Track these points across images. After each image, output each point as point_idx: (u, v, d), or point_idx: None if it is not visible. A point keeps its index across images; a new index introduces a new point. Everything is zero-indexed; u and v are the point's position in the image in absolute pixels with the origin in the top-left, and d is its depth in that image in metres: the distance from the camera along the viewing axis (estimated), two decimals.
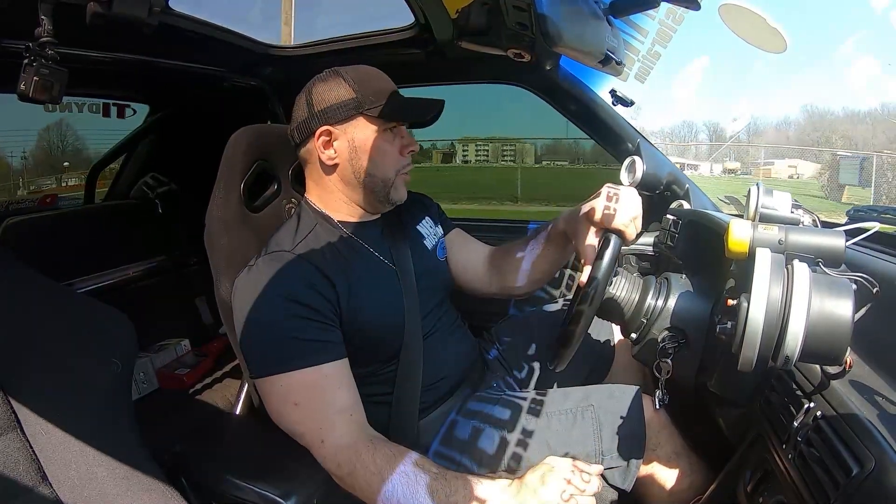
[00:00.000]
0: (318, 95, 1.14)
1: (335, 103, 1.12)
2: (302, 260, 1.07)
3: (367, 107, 1.12)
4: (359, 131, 1.14)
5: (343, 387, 1.04)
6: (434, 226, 1.39)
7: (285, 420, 1.02)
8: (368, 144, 1.14)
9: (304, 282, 1.05)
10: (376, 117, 1.13)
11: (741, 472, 0.95)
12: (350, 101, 1.12)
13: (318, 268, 1.07)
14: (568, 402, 1.16)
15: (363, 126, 1.13)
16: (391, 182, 1.17)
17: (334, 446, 0.99)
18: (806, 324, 0.68)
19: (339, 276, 1.08)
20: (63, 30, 1.01)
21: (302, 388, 1.00)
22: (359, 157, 1.15)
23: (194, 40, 1.53)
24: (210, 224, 1.18)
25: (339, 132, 1.14)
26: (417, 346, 1.17)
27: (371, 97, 1.12)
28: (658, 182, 1.58)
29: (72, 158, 4.42)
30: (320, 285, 1.05)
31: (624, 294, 1.05)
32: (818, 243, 0.82)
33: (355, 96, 1.12)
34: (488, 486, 0.96)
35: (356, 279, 1.11)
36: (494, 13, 1.30)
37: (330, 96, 1.13)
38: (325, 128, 1.13)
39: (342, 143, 1.14)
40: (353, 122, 1.13)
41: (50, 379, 0.80)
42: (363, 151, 1.14)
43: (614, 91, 1.67)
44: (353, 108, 1.12)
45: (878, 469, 0.61)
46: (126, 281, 2.14)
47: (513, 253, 1.38)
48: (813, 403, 0.77)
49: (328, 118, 1.13)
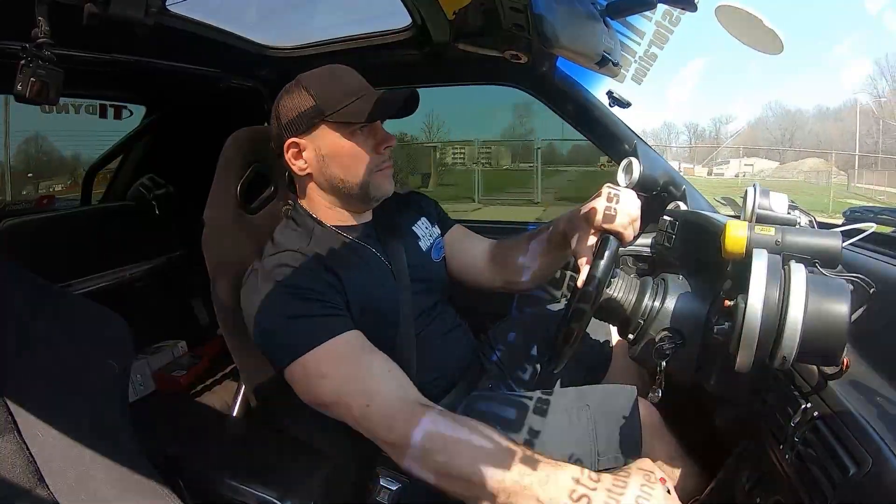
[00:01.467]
0: (282, 108, 1.14)
1: (297, 114, 1.12)
2: (306, 257, 1.08)
3: (328, 112, 1.11)
4: (324, 139, 1.13)
5: (372, 351, 1.02)
6: (431, 226, 1.39)
7: (323, 396, 1.00)
8: (336, 150, 1.13)
9: (312, 274, 1.06)
10: (340, 122, 1.12)
11: (738, 472, 0.95)
12: (310, 110, 1.11)
13: (323, 264, 1.08)
14: (563, 401, 1.16)
15: (327, 133, 1.13)
16: (367, 183, 1.16)
17: (383, 408, 0.95)
18: (803, 324, 0.68)
19: (338, 274, 1.09)
20: (60, 31, 1.00)
21: (327, 360, 0.99)
22: (328, 165, 1.14)
23: (190, 41, 1.53)
24: (207, 225, 1.18)
25: (306, 142, 1.14)
26: (409, 342, 1.17)
27: (332, 102, 1.11)
28: (655, 183, 1.58)
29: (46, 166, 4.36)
30: (327, 276, 1.07)
31: (621, 295, 1.05)
32: (815, 244, 0.83)
33: (315, 104, 1.11)
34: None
35: (353, 275, 1.11)
36: (491, 15, 1.30)
37: (292, 107, 1.13)
38: (291, 140, 1.14)
39: (310, 152, 1.14)
40: (317, 131, 1.13)
41: (46, 381, 0.80)
42: (331, 158, 1.14)
43: (611, 92, 1.67)
44: (313, 116, 1.11)
45: (875, 469, 0.62)
46: (123, 282, 2.13)
47: (515, 251, 1.37)
48: (810, 404, 0.77)
49: (293, 130, 1.13)
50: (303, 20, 1.77)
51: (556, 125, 13.18)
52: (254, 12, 1.74)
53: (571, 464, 1.04)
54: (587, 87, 1.71)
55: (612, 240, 1.01)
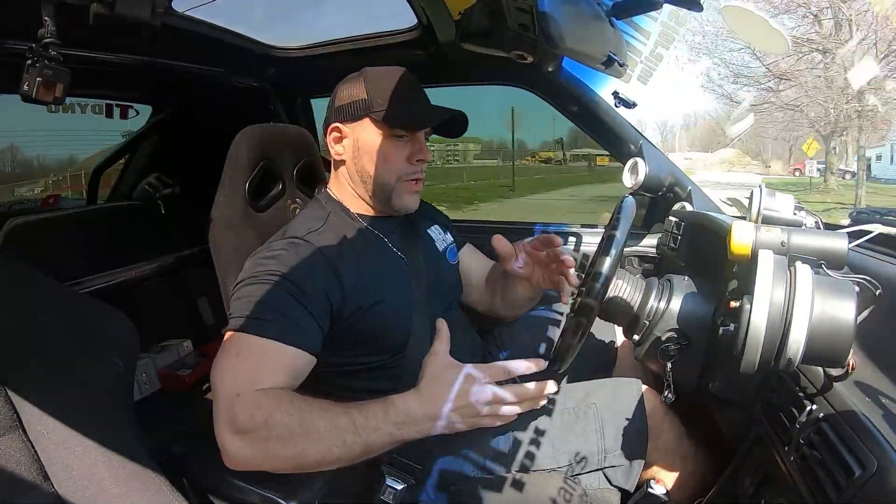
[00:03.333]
0: (340, 92, 1.17)
1: (349, 102, 1.15)
2: (312, 247, 1.07)
3: (375, 109, 1.12)
4: (364, 132, 1.15)
5: (289, 375, 0.97)
6: (444, 233, 1.39)
7: (218, 366, 0.94)
8: (372, 146, 1.14)
9: (308, 268, 1.04)
10: (381, 121, 1.13)
11: (743, 473, 0.94)
12: (360, 102, 1.13)
13: (327, 258, 1.07)
14: (570, 400, 1.16)
15: (369, 128, 1.14)
16: (391, 187, 1.17)
17: (255, 393, 0.90)
18: (808, 326, 0.68)
19: (349, 265, 1.08)
20: (66, 30, 1.01)
21: (257, 350, 0.95)
22: (361, 158, 1.16)
23: (196, 41, 1.54)
24: (214, 224, 1.18)
25: (348, 131, 1.16)
26: (424, 341, 1.16)
27: (381, 100, 1.12)
28: (660, 184, 1.58)
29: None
30: (323, 275, 1.05)
31: (627, 295, 1.05)
32: (820, 245, 0.82)
33: (366, 97, 1.13)
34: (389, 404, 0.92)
35: (367, 268, 1.11)
36: (497, 15, 1.30)
37: (347, 95, 1.15)
38: (336, 125, 1.16)
39: (349, 141, 1.16)
40: (361, 123, 1.15)
41: (52, 379, 0.80)
42: (365, 153, 1.15)
43: (617, 93, 1.67)
44: (362, 108, 1.13)
45: (880, 471, 0.61)
46: (129, 282, 2.14)
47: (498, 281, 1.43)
48: (815, 405, 0.77)
49: (341, 116, 1.15)
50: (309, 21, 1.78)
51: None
52: (260, 12, 1.75)
53: (576, 463, 1.04)
54: (593, 87, 1.71)
55: (619, 233, 1.00)
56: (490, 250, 1.36)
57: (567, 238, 1.79)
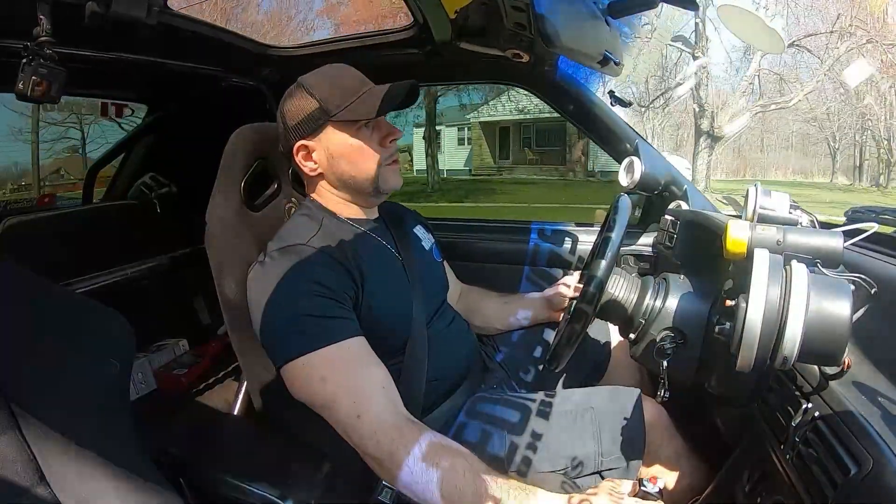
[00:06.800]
0: (287, 112, 1.16)
1: (303, 117, 1.14)
2: (317, 250, 1.08)
3: (333, 112, 1.12)
4: (332, 139, 1.14)
5: (372, 363, 1.02)
6: (426, 232, 1.41)
7: (317, 397, 0.99)
8: (345, 149, 1.15)
9: (323, 266, 1.06)
10: (345, 121, 1.13)
11: (739, 472, 0.95)
12: (315, 112, 1.13)
13: (334, 257, 1.08)
14: (568, 404, 1.17)
15: (334, 133, 1.14)
16: (375, 176, 1.17)
17: (373, 422, 0.95)
18: (804, 324, 0.68)
19: (352, 264, 1.09)
20: (61, 29, 1.01)
21: (329, 363, 0.99)
22: (338, 164, 1.16)
23: (192, 40, 1.53)
24: (210, 223, 1.18)
25: (315, 144, 1.15)
26: (423, 339, 1.17)
27: (336, 101, 1.12)
28: (656, 183, 1.58)
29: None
30: (338, 270, 1.06)
31: (622, 294, 1.05)
32: (816, 244, 0.82)
33: (319, 105, 1.12)
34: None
35: (367, 269, 1.11)
36: (493, 14, 1.30)
37: (296, 111, 1.14)
38: (300, 143, 1.15)
39: (319, 153, 1.16)
40: (324, 132, 1.14)
41: (48, 379, 0.80)
42: (340, 157, 1.15)
43: (612, 92, 1.67)
44: (320, 117, 1.13)
45: (875, 469, 0.62)
46: (124, 281, 2.13)
47: (481, 308, 1.52)
48: (811, 404, 0.77)
49: (300, 133, 1.15)
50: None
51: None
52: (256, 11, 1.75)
53: (573, 467, 1.04)
54: (588, 86, 1.71)
55: (614, 238, 1.01)
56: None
57: (563, 237, 1.79)
